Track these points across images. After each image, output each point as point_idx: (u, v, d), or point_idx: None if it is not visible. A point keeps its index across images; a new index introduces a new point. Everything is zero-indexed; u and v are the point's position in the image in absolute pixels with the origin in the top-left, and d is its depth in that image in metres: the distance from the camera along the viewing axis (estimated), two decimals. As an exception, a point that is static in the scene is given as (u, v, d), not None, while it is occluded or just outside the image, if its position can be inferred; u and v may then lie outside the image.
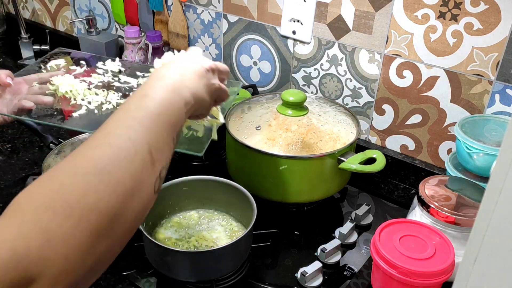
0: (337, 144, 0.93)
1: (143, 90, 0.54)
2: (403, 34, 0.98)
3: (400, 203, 1.03)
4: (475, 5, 0.88)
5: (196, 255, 0.76)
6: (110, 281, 0.80)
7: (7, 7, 1.84)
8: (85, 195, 0.42)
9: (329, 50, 1.11)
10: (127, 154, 0.46)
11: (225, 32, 1.27)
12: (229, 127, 0.96)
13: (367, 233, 0.94)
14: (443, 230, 0.78)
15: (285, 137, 0.92)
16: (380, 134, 1.11)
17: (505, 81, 0.90)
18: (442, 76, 0.97)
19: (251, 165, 0.94)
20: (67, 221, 0.40)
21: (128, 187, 0.45)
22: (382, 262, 0.73)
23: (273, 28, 1.18)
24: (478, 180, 0.86)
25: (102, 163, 0.44)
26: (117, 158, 0.45)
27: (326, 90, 1.16)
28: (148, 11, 1.39)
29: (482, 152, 0.84)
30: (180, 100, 0.56)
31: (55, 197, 0.41)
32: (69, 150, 0.98)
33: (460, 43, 0.92)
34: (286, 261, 0.86)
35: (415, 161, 1.07)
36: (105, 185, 0.43)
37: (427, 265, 0.71)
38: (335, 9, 1.06)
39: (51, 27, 1.73)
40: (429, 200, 0.80)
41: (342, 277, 0.83)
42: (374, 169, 0.89)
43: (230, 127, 0.96)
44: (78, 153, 0.46)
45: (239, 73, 1.30)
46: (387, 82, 1.05)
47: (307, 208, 1.00)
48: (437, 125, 1.02)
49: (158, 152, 0.49)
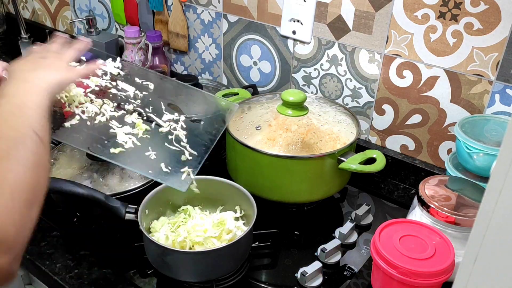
0: (337, 144, 0.93)
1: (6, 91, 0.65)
2: (403, 34, 0.98)
3: (400, 203, 1.03)
4: (475, 5, 0.88)
5: (196, 255, 0.76)
6: (110, 281, 0.80)
7: (7, 7, 1.84)
8: (6, 177, 0.53)
9: (329, 50, 1.11)
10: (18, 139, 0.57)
11: (225, 32, 1.27)
12: (229, 127, 0.96)
13: (367, 233, 0.94)
14: (443, 230, 0.78)
15: (285, 137, 0.92)
16: (380, 134, 1.11)
17: (505, 81, 0.90)
18: (442, 76, 0.97)
19: (251, 165, 0.94)
20: (2, 198, 0.52)
21: (33, 162, 0.56)
22: (382, 262, 0.73)
23: (273, 28, 1.18)
24: (478, 180, 0.86)
25: (6, 151, 0.55)
26: (15, 144, 0.56)
27: (326, 90, 1.16)
28: (148, 11, 1.39)
29: (482, 152, 0.84)
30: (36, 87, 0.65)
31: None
32: (69, 150, 0.98)
33: (460, 43, 0.92)
34: (286, 261, 0.86)
35: (415, 161, 1.07)
36: (17, 165, 0.55)
37: (427, 265, 0.71)
38: (335, 9, 1.06)
39: (51, 27, 1.73)
40: (429, 200, 0.80)
41: (342, 277, 0.83)
42: (374, 169, 0.89)
43: (230, 127, 0.96)
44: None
45: (239, 73, 1.30)
46: (387, 82, 1.05)
47: (307, 208, 1.00)
48: (437, 125, 1.02)
49: (40, 131, 0.60)
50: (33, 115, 0.61)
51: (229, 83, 1.34)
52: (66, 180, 0.85)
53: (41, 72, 0.69)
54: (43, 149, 0.59)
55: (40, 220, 0.91)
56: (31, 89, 0.64)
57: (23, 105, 0.61)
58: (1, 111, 0.60)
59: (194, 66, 1.40)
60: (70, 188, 0.82)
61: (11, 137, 0.57)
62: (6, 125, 0.58)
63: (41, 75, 0.68)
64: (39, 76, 0.67)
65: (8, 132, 0.57)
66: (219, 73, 1.35)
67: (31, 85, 0.65)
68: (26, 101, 0.62)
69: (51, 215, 0.93)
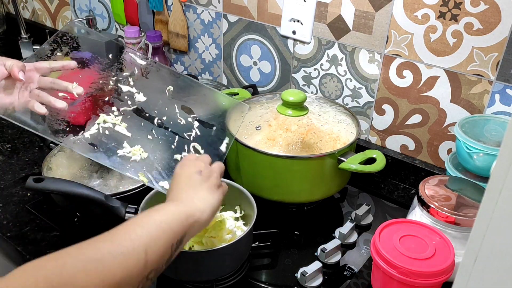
0: (337, 144, 0.93)
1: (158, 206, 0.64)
2: (403, 34, 0.98)
3: (400, 203, 1.03)
4: (475, 5, 0.88)
5: (196, 255, 0.76)
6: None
7: (7, 7, 1.84)
8: (77, 277, 0.49)
9: (329, 50, 1.11)
10: (124, 250, 0.53)
11: (225, 32, 1.27)
12: (229, 127, 0.96)
13: (367, 233, 0.94)
14: (443, 230, 0.78)
15: (285, 137, 0.92)
16: (380, 134, 1.11)
17: (505, 81, 0.90)
18: (442, 76, 0.97)
19: (251, 165, 0.94)
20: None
21: (117, 280, 0.51)
22: (382, 262, 0.73)
23: (273, 28, 1.18)
24: (478, 180, 0.86)
25: (101, 253, 0.52)
26: (115, 252, 0.52)
27: (326, 90, 1.16)
28: (148, 11, 1.39)
29: (482, 152, 0.84)
30: (183, 211, 0.63)
31: (55, 272, 0.48)
32: (69, 150, 0.98)
33: (460, 43, 0.92)
34: (286, 261, 0.86)
35: (415, 161, 1.07)
36: (98, 272, 0.50)
37: (427, 265, 0.71)
38: (335, 9, 1.06)
39: (51, 27, 1.73)
40: (429, 200, 0.80)
41: (342, 277, 0.83)
42: (374, 169, 0.89)
43: (230, 127, 0.96)
44: (86, 244, 0.53)
45: (239, 73, 1.30)
46: (387, 82, 1.05)
47: (307, 208, 1.00)
48: (437, 125, 1.02)
49: (153, 254, 0.56)
50: (157, 236, 0.57)
51: (229, 83, 1.34)
52: (66, 180, 0.85)
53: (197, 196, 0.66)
54: (140, 273, 0.54)
55: (40, 220, 0.92)
56: (176, 213, 0.62)
57: (156, 223, 0.59)
58: (137, 219, 0.59)
59: (194, 66, 1.40)
60: (70, 188, 0.82)
61: (120, 245, 0.54)
62: (125, 233, 0.56)
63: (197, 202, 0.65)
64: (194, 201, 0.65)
65: (122, 241, 0.55)
66: (219, 73, 1.35)
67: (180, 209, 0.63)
68: (162, 221, 0.59)
69: (51, 215, 0.93)
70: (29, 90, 0.82)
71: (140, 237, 0.55)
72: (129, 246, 0.54)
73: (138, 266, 0.54)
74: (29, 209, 0.94)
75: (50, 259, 0.50)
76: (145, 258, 0.54)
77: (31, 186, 0.81)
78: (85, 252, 0.52)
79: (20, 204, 0.95)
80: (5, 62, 0.79)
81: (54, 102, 0.83)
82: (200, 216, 0.64)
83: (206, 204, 0.66)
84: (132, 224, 0.58)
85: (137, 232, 0.56)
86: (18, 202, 0.96)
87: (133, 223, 0.58)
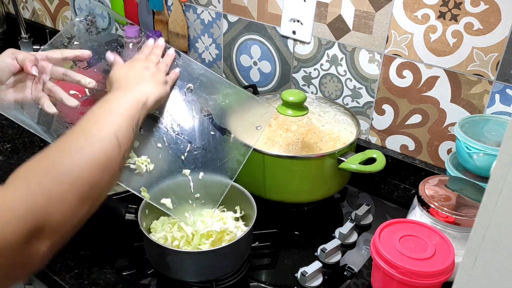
0: (337, 144, 0.93)
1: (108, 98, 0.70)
2: (403, 34, 0.98)
3: (400, 203, 1.03)
4: (475, 5, 0.88)
5: (196, 255, 0.76)
6: (110, 281, 0.80)
7: (7, 7, 1.83)
8: (71, 169, 0.56)
9: (329, 50, 1.11)
10: (98, 139, 0.61)
11: (225, 32, 1.27)
12: (229, 127, 0.96)
13: (367, 233, 0.94)
14: (443, 230, 0.78)
15: (285, 137, 0.92)
16: (380, 134, 1.11)
17: (505, 81, 0.90)
18: (442, 76, 0.97)
19: (251, 165, 0.93)
20: (61, 186, 0.54)
21: (102, 163, 0.60)
22: (382, 262, 0.73)
23: (273, 28, 1.18)
24: (478, 180, 0.86)
25: (82, 145, 0.60)
26: (90, 142, 0.60)
27: (326, 90, 1.16)
28: (148, 11, 1.39)
29: (482, 152, 0.84)
30: (135, 100, 0.70)
31: (50, 170, 0.55)
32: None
33: (460, 43, 0.92)
34: (286, 261, 0.86)
35: (415, 161, 1.07)
36: (85, 161, 0.58)
37: (427, 265, 0.71)
38: (335, 9, 1.06)
39: (51, 27, 1.73)
40: (429, 200, 0.80)
41: (342, 277, 0.83)
42: (374, 169, 0.89)
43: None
44: (65, 139, 0.61)
45: (239, 73, 1.30)
46: (387, 82, 1.05)
47: (307, 208, 1.00)
48: (437, 125, 1.02)
49: (122, 136, 0.64)
50: (121, 122, 0.65)
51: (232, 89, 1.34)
52: None
53: (143, 85, 0.73)
54: (117, 155, 0.62)
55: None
56: (129, 101, 0.69)
57: (116, 112, 0.66)
58: (95, 111, 0.66)
59: (194, 66, 1.40)
60: None
61: (93, 135, 0.61)
62: (93, 124, 0.63)
63: (143, 89, 0.73)
64: (140, 89, 0.72)
65: (92, 130, 0.62)
66: (219, 73, 1.35)
67: (131, 97, 0.70)
68: (120, 109, 0.67)
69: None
70: (42, 82, 0.77)
71: (105, 125, 0.63)
72: (100, 134, 0.62)
73: (113, 149, 0.61)
74: (29, 209, 0.94)
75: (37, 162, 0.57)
76: (117, 142, 0.62)
77: (31, 186, 0.81)
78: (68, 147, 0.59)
79: (20, 204, 0.95)
80: (17, 55, 0.75)
81: (67, 100, 0.77)
82: (146, 101, 0.71)
83: (149, 93, 0.73)
84: (94, 117, 0.65)
85: (101, 121, 0.64)
86: (18, 202, 0.95)
87: (93, 115, 0.65)
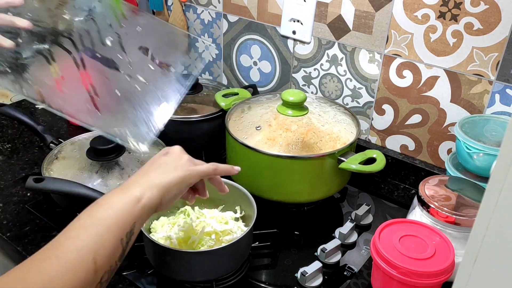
0: (337, 144, 0.93)
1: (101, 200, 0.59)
2: (403, 34, 0.98)
3: (400, 203, 1.03)
4: (475, 5, 0.88)
5: (196, 255, 0.76)
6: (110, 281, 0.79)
7: (7, 7, 1.83)
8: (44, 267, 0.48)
9: (329, 50, 1.11)
10: (72, 266, 0.50)
11: (225, 32, 1.27)
12: (229, 127, 0.96)
13: (367, 233, 0.94)
14: (443, 230, 0.78)
15: (285, 137, 0.92)
16: (380, 134, 1.11)
17: (505, 81, 0.90)
18: (442, 76, 0.97)
19: (251, 165, 0.93)
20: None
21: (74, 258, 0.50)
22: (382, 262, 0.73)
23: (273, 28, 1.18)
24: (478, 180, 0.86)
25: (49, 276, 0.49)
26: (62, 271, 0.49)
27: (326, 90, 1.16)
28: (148, 11, 1.39)
29: (482, 152, 0.84)
30: (127, 199, 0.57)
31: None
32: (69, 150, 0.98)
33: (460, 43, 0.92)
34: (286, 261, 0.86)
35: (415, 161, 1.07)
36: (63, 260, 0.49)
37: (427, 265, 0.71)
38: (335, 9, 1.06)
39: (51, 27, 1.72)
40: (429, 200, 0.80)
41: (342, 277, 0.83)
42: (374, 169, 0.89)
43: (230, 127, 0.96)
44: (30, 265, 0.50)
45: (239, 73, 1.30)
46: (387, 82, 1.05)
47: (307, 208, 1.00)
48: (437, 125, 1.02)
49: (102, 259, 0.53)
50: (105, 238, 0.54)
51: (229, 83, 1.34)
52: (66, 180, 0.85)
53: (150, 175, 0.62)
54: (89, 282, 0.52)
55: (40, 220, 0.92)
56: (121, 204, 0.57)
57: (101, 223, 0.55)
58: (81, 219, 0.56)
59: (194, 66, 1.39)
60: (70, 188, 0.82)
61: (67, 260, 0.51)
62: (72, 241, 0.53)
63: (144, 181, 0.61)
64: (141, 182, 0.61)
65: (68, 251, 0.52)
66: (219, 73, 1.35)
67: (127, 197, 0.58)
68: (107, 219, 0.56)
69: (51, 215, 0.93)
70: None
71: (86, 244, 0.52)
72: (77, 258, 0.51)
73: (88, 276, 0.51)
74: (29, 209, 0.94)
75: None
76: (94, 267, 0.51)
77: (31, 186, 0.81)
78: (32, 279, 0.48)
79: (20, 204, 0.95)
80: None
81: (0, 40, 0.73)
82: (150, 197, 0.59)
83: (152, 184, 0.60)
84: (75, 228, 0.54)
85: (82, 238, 0.53)
86: (18, 202, 0.96)
87: (77, 225, 0.55)
